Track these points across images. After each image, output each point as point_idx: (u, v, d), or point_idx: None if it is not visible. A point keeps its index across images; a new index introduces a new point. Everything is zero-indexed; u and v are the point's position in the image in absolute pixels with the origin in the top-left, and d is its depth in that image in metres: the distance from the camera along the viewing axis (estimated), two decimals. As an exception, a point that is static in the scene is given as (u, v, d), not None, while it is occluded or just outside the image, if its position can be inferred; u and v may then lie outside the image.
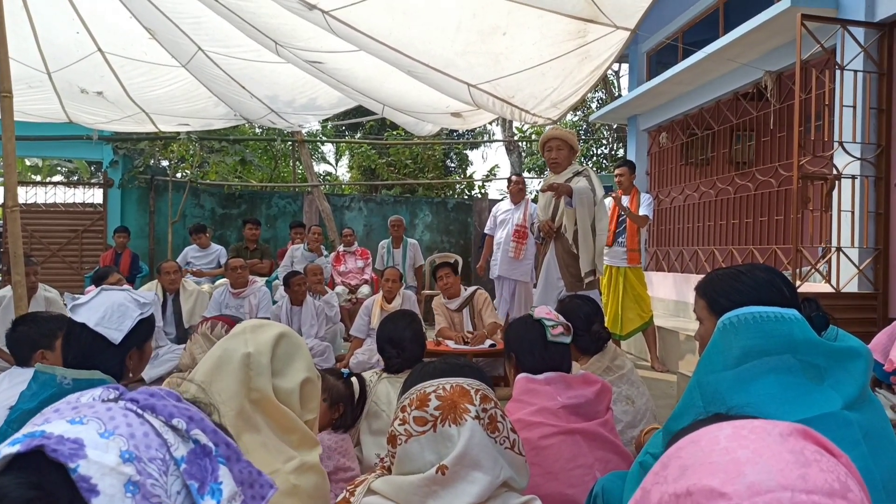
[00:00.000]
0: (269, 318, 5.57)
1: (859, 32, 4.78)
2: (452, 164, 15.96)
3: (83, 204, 10.12)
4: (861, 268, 4.86)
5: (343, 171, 19.80)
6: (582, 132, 16.09)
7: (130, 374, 1.87)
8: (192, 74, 5.64)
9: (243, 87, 5.70)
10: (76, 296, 1.80)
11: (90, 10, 4.69)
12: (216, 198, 10.56)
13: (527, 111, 4.81)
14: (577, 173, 4.79)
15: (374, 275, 7.92)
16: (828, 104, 4.73)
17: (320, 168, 18.73)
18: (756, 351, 1.26)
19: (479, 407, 1.35)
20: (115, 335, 1.76)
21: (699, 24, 7.86)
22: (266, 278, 7.38)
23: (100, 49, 5.11)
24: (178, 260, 7.72)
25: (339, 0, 3.89)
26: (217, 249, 8.01)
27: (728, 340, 1.30)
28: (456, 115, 5.71)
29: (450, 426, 1.32)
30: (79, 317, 1.77)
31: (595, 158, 16.12)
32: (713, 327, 1.43)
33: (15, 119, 3.80)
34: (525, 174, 15.20)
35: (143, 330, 1.86)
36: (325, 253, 7.97)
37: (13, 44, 3.91)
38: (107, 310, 1.74)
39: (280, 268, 7.09)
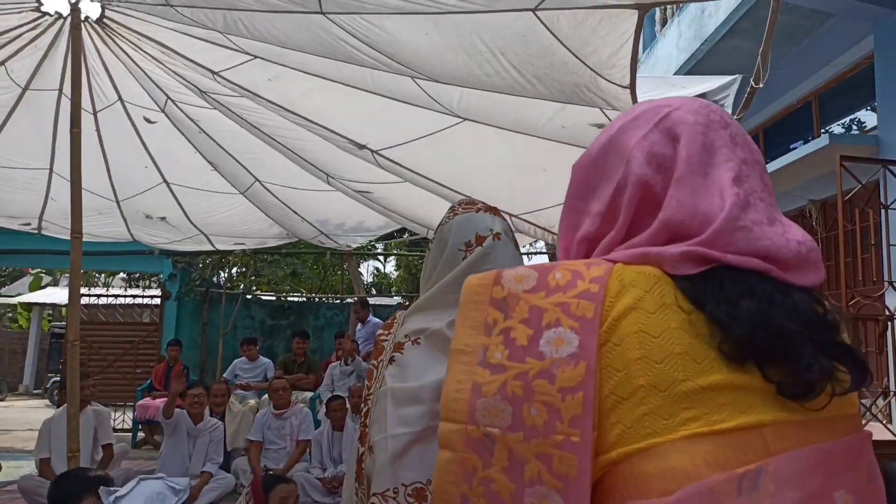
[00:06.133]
0: (308, 440, 5.57)
1: (901, 172, 4.73)
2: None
3: (141, 304, 10.42)
4: (924, 407, 4.60)
5: (391, 269, 20.15)
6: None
7: None
8: (250, 200, 5.94)
9: (296, 213, 5.97)
10: (113, 489, 1.86)
11: (158, 147, 5.05)
12: (266, 309, 10.84)
13: (568, 239, 4.88)
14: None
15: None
16: (874, 243, 4.66)
17: (368, 265, 19.07)
18: None
19: None
20: None
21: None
22: (311, 394, 7.40)
23: (165, 180, 5.46)
24: (226, 374, 7.84)
25: (387, 140, 4.13)
26: (265, 363, 8.11)
27: None
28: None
29: None
30: None
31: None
32: None
33: (84, 240, 4.07)
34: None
35: None
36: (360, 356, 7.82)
37: (87, 176, 4.22)
38: (146, 500, 1.78)
39: (322, 387, 7.13)
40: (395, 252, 17.19)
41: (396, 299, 18.10)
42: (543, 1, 1.93)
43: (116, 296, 10.99)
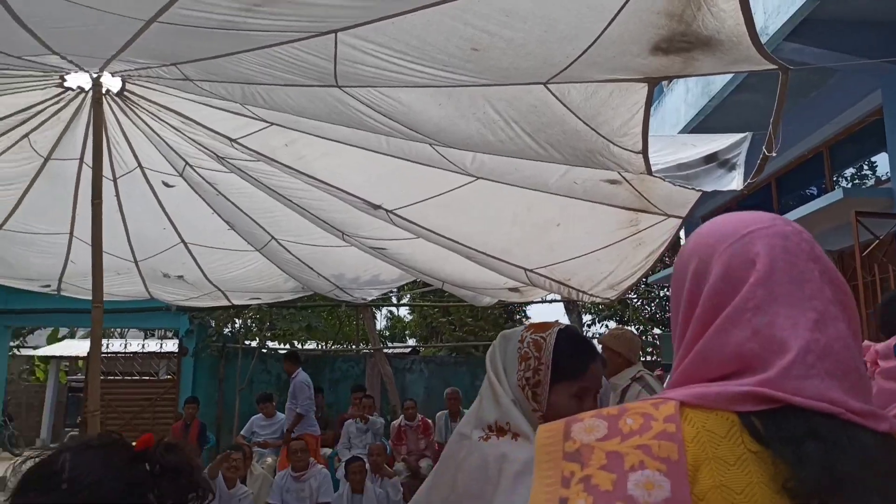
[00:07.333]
0: (329, 503, 5.47)
1: (917, 224, 4.70)
2: (515, 318, 15.94)
3: (158, 355, 10.37)
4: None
5: (405, 311, 20.05)
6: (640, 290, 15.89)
7: None
8: (266, 257, 6.00)
9: (311, 268, 6.01)
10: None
11: (176, 210, 5.13)
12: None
13: (584, 292, 4.87)
14: (634, 378, 4.46)
15: (437, 444, 7.76)
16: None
17: (383, 310, 18.99)
18: None
19: None
20: None
21: (751, 196, 7.92)
22: (329, 451, 7.32)
23: (183, 241, 5.53)
24: (243, 431, 7.79)
25: (402, 200, 4.18)
26: (281, 419, 8.04)
27: None
28: (514, 290, 5.82)
29: None
30: None
31: (649, 314, 15.72)
32: None
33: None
34: (587, 329, 15.02)
35: None
36: (376, 416, 7.74)
37: (107, 238, 4.28)
38: None
39: (339, 445, 7.03)
40: (408, 303, 17.19)
41: (412, 343, 18.00)
42: (554, 76, 1.98)
43: (134, 353, 11.01)
